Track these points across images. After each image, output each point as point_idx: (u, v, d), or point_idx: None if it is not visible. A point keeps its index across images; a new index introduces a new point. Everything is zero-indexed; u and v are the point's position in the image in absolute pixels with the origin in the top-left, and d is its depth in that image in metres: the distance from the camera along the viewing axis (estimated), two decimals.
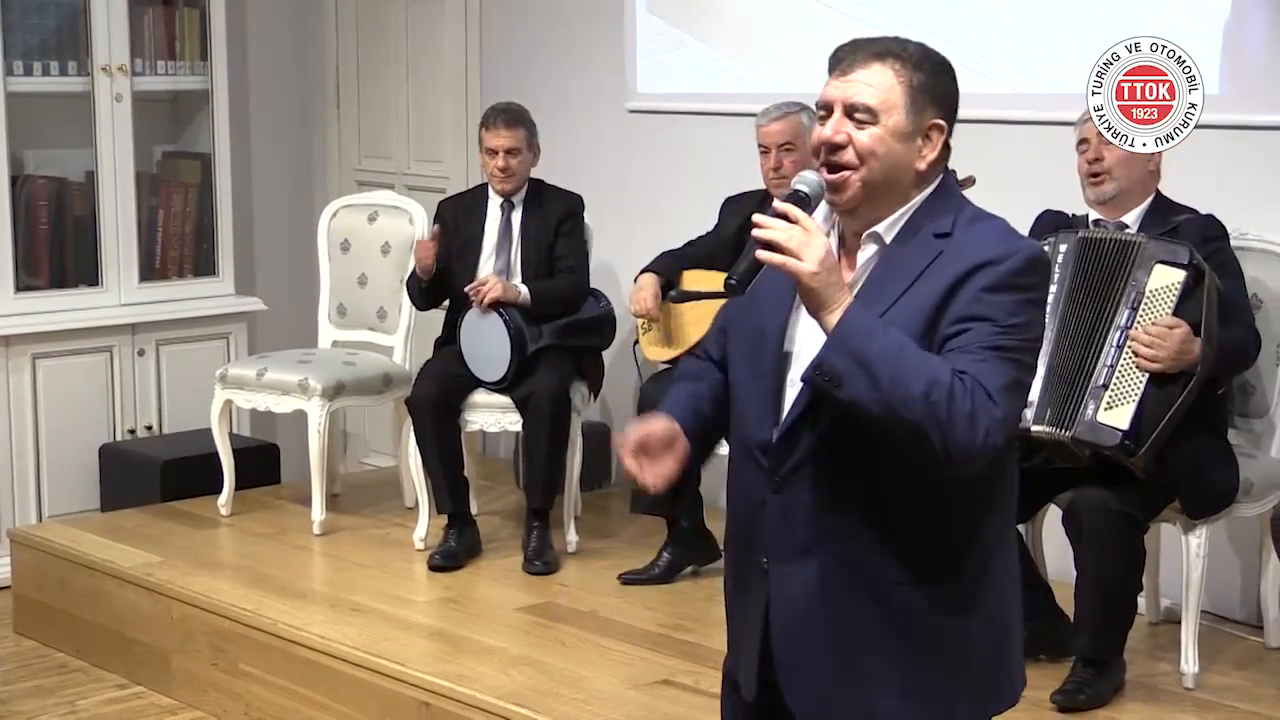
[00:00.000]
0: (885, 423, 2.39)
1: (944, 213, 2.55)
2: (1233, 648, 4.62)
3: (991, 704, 2.66)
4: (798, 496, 2.55)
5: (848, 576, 2.53)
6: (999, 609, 2.62)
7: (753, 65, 5.91)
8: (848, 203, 2.55)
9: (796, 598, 2.57)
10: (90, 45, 6.30)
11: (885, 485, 2.50)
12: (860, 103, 2.52)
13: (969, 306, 2.45)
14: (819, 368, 2.42)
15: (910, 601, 2.53)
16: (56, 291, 6.37)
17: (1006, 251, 2.49)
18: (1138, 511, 4.15)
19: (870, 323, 2.42)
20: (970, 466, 2.42)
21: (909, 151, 2.54)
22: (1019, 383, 2.45)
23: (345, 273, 6.24)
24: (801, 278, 2.42)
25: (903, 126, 2.53)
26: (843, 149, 2.53)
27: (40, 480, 6.26)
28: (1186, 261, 4.11)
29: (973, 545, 2.57)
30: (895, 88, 2.53)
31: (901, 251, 2.54)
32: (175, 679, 5.19)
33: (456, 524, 5.44)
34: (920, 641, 2.55)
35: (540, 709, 4.20)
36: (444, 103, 6.95)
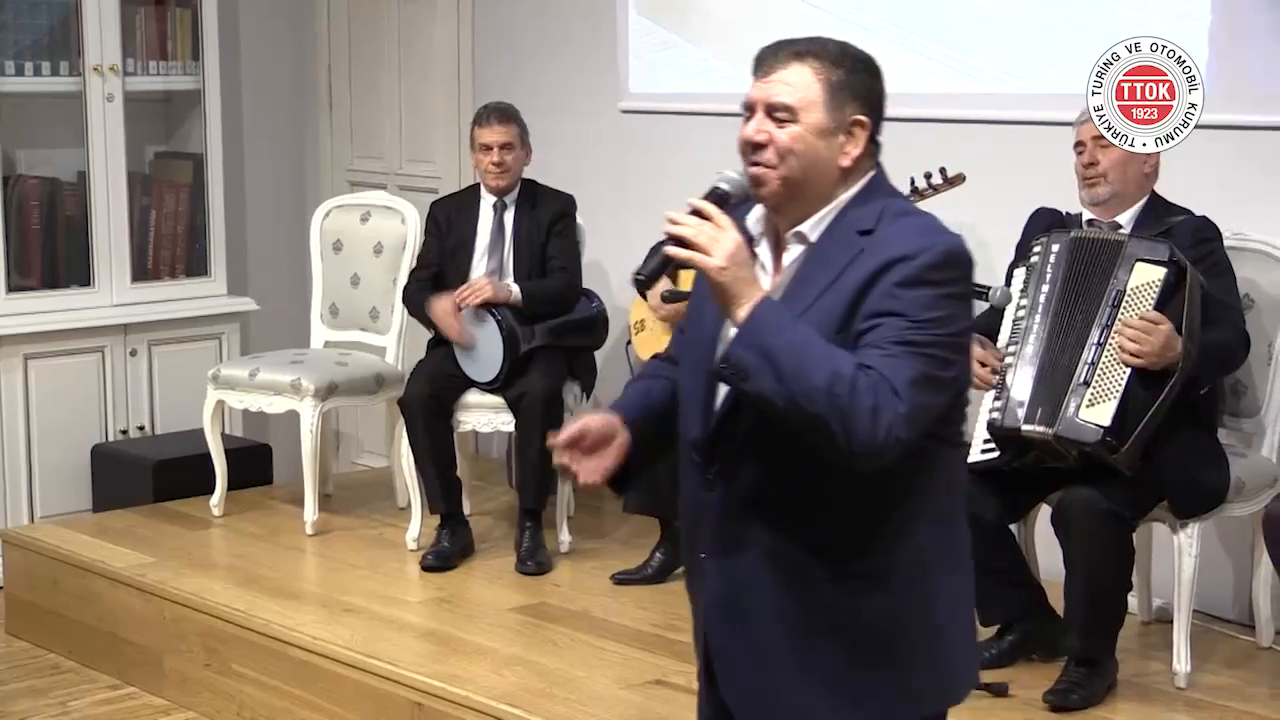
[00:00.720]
0: (789, 415, 2.42)
1: (870, 210, 2.57)
2: (1224, 647, 4.62)
3: (928, 702, 2.65)
4: (728, 493, 2.59)
5: (777, 572, 2.56)
6: (934, 606, 2.62)
7: (742, 65, 5.90)
8: (770, 199, 2.58)
9: (728, 592, 2.61)
10: (82, 45, 6.29)
11: (811, 482, 2.53)
12: (779, 102, 2.56)
13: (882, 302, 2.46)
14: (726, 361, 2.46)
15: (839, 597, 2.55)
16: (48, 292, 6.36)
17: (922, 246, 2.49)
18: (1126, 510, 4.15)
19: (778, 317, 2.44)
20: (875, 460, 2.43)
21: (830, 148, 2.57)
22: (930, 377, 2.44)
23: (337, 273, 6.24)
24: (709, 273, 2.45)
25: (822, 123, 2.56)
26: (764, 148, 2.56)
27: (32, 480, 6.26)
28: (1166, 259, 4.11)
29: (902, 541, 2.57)
30: (813, 85, 2.57)
31: (825, 249, 2.56)
32: (168, 679, 5.19)
33: (449, 524, 5.44)
34: (850, 637, 2.57)
35: (533, 709, 4.20)
36: (436, 103, 6.95)
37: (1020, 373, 4.23)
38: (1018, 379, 4.23)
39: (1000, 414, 4.23)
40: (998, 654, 4.40)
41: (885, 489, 2.52)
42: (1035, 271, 4.31)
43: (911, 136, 5.32)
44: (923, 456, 2.52)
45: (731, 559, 2.60)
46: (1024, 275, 4.36)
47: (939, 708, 2.68)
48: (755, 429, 2.53)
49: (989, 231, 5.06)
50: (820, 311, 2.49)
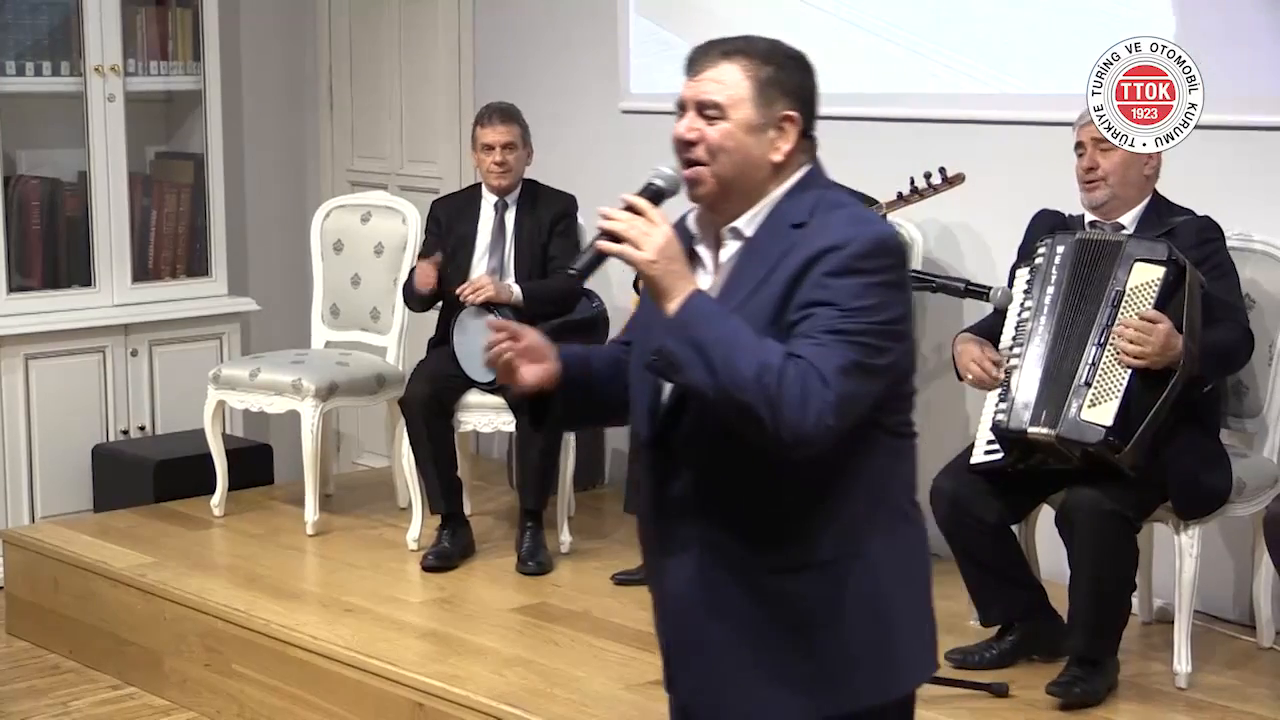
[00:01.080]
0: (720, 406, 2.45)
1: (803, 203, 2.60)
2: (1225, 647, 4.62)
3: (872, 693, 2.65)
4: (674, 491, 2.62)
5: (722, 566, 2.60)
6: (880, 595, 2.63)
7: None
8: (704, 197, 2.62)
9: (678, 589, 2.66)
10: (83, 45, 6.29)
11: (754, 476, 2.56)
12: (708, 99, 2.60)
13: (812, 292, 2.49)
14: (658, 353, 2.49)
15: (783, 589, 2.58)
16: (49, 292, 6.36)
17: (851, 236, 2.52)
18: (1130, 511, 4.15)
19: (709, 310, 2.48)
20: (806, 448, 2.45)
21: (760, 144, 2.60)
22: (860, 365, 2.47)
23: (338, 273, 6.24)
24: (640, 266, 2.49)
25: (752, 119, 2.59)
26: (695, 145, 2.60)
27: (33, 481, 6.26)
28: (1165, 258, 4.11)
29: (848, 533, 2.59)
30: (742, 83, 2.60)
31: (760, 244, 2.60)
32: (168, 680, 5.19)
33: (450, 524, 5.44)
34: (796, 628, 2.59)
35: (534, 709, 4.20)
36: (437, 103, 6.95)
37: (1025, 374, 4.23)
38: (1023, 381, 4.23)
39: (1006, 416, 4.23)
40: (998, 654, 4.41)
41: (828, 481, 2.56)
42: (1039, 273, 4.31)
43: (912, 137, 5.35)
44: (864, 446, 2.56)
45: (680, 556, 2.64)
46: (1028, 276, 4.36)
47: (884, 698, 2.67)
48: (697, 426, 2.57)
49: (990, 232, 5.08)
50: (756, 305, 2.53)
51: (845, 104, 5.40)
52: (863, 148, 5.39)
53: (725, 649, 2.62)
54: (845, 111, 5.38)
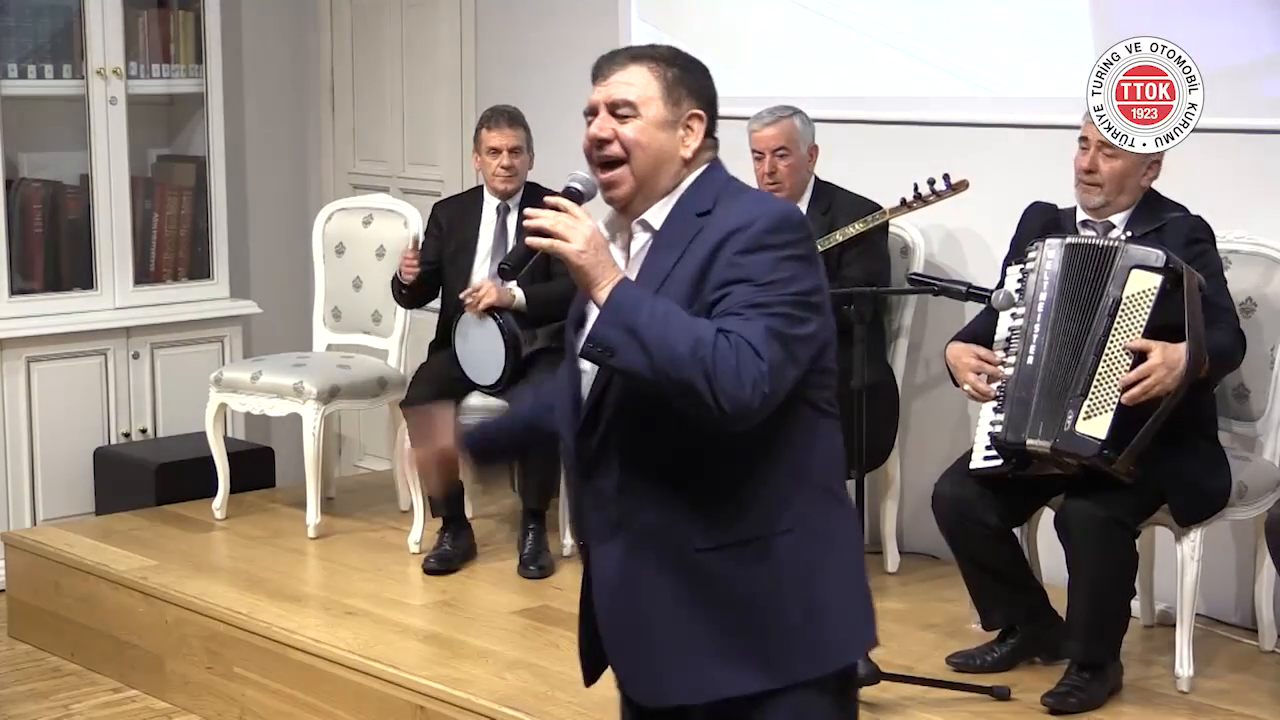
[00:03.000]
0: (659, 386, 2.51)
1: (706, 192, 2.71)
2: (1227, 651, 4.62)
3: (813, 665, 2.69)
4: (602, 480, 2.70)
5: (653, 550, 2.67)
6: (808, 571, 2.67)
7: (742, 69, 5.91)
8: (623, 198, 2.72)
9: (611, 578, 2.73)
10: (85, 48, 6.30)
11: (676, 457, 2.64)
12: (620, 98, 2.73)
13: (726, 271, 2.58)
14: (592, 340, 2.55)
15: (713, 567, 2.65)
16: (51, 295, 6.36)
17: (756, 214, 2.62)
18: (1128, 517, 4.15)
19: (638, 294, 2.56)
20: (746, 419, 2.52)
21: (672, 140, 2.71)
22: (783, 334, 2.55)
23: (340, 276, 6.24)
24: (569, 257, 2.58)
25: (663, 115, 2.71)
26: (609, 143, 2.72)
27: (35, 483, 6.26)
28: (1162, 265, 4.10)
29: (778, 509, 2.66)
30: (651, 82, 2.73)
31: (668, 234, 2.69)
32: (169, 682, 5.19)
33: (451, 527, 5.44)
34: (730, 606, 2.65)
35: (535, 712, 4.20)
36: (439, 106, 6.95)
37: (1021, 384, 4.22)
38: (1019, 391, 4.22)
39: (1003, 427, 4.22)
40: (1000, 657, 4.41)
41: (753, 459, 2.63)
42: (1031, 278, 4.29)
43: (914, 141, 5.35)
44: (791, 422, 2.63)
45: (613, 543, 2.71)
46: (1019, 276, 4.34)
47: (820, 672, 2.70)
48: (620, 415, 2.64)
49: (991, 235, 5.07)
50: (671, 291, 2.61)
51: (845, 107, 5.42)
52: (864, 151, 5.40)
53: (660, 631, 2.68)
54: (845, 115, 5.40)
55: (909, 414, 5.40)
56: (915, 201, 4.89)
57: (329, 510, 5.95)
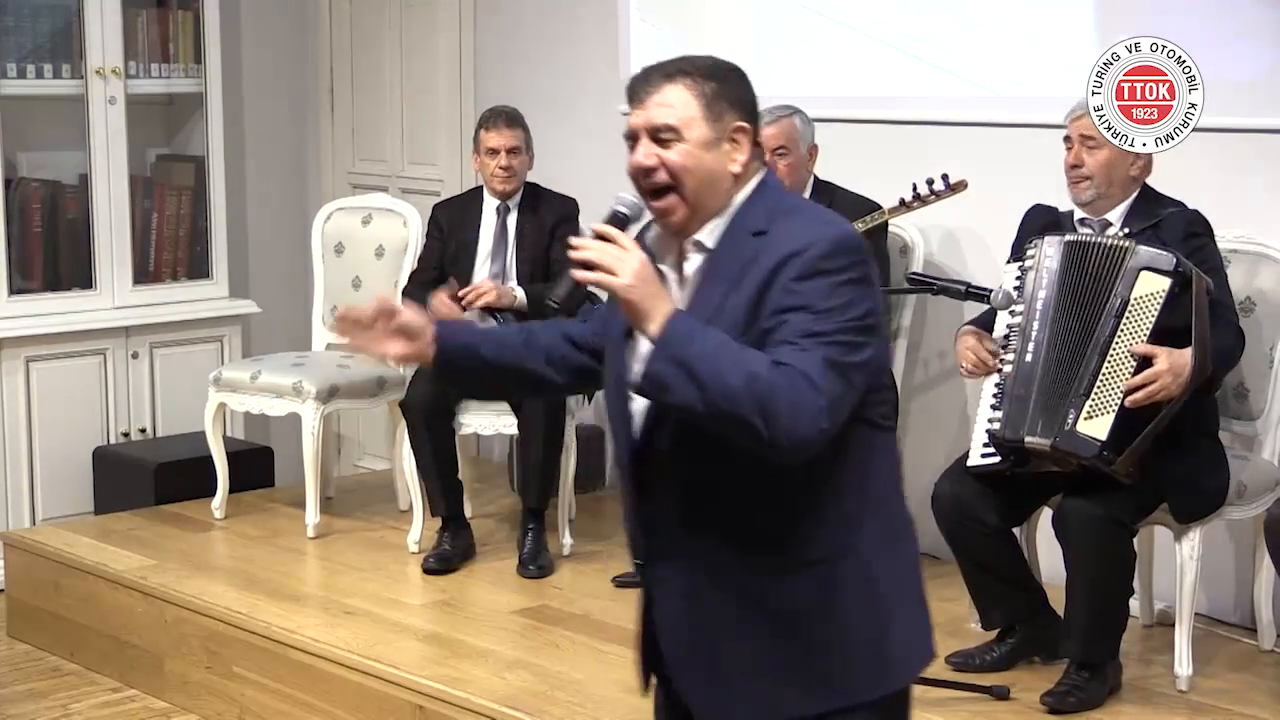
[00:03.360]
0: (714, 420, 2.46)
1: (760, 211, 2.63)
2: (1227, 650, 4.62)
3: (876, 687, 2.67)
4: (658, 506, 2.65)
5: (713, 576, 2.62)
6: (876, 591, 2.65)
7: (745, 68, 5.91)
8: (679, 224, 2.63)
9: (671, 601, 2.68)
10: (84, 48, 6.29)
11: (743, 483, 2.58)
12: (661, 123, 2.61)
13: (783, 298, 2.51)
14: (645, 376, 2.50)
15: (777, 590, 2.60)
16: (50, 294, 6.36)
17: (812, 239, 2.54)
18: (1126, 516, 4.15)
19: (689, 327, 2.48)
20: (803, 453, 2.47)
21: (719, 158, 2.62)
22: (841, 364, 2.49)
23: (339, 276, 6.24)
24: (618, 292, 2.49)
25: (707, 135, 2.61)
26: (655, 170, 2.61)
27: (34, 483, 6.26)
28: (1172, 269, 4.09)
29: (841, 529, 2.61)
30: (690, 101, 2.62)
31: (723, 254, 2.62)
32: (169, 682, 5.19)
33: (451, 527, 5.44)
34: (795, 628, 2.61)
35: (535, 712, 4.20)
36: (438, 106, 6.95)
37: (1020, 381, 4.22)
38: (1017, 388, 4.22)
39: (1001, 425, 4.22)
40: (999, 657, 4.41)
41: (815, 481, 2.58)
42: (1030, 275, 4.29)
43: (912, 140, 5.35)
44: (851, 442, 2.58)
45: (675, 568, 2.66)
46: (1017, 273, 4.34)
47: (884, 691, 2.69)
48: (679, 441, 2.59)
49: (990, 235, 5.07)
50: (726, 315, 2.55)
51: (845, 107, 5.42)
52: (864, 151, 5.40)
53: (725, 653, 2.64)
54: (845, 115, 5.40)
55: (908, 414, 5.40)
56: (914, 201, 4.89)
57: (328, 510, 5.95)
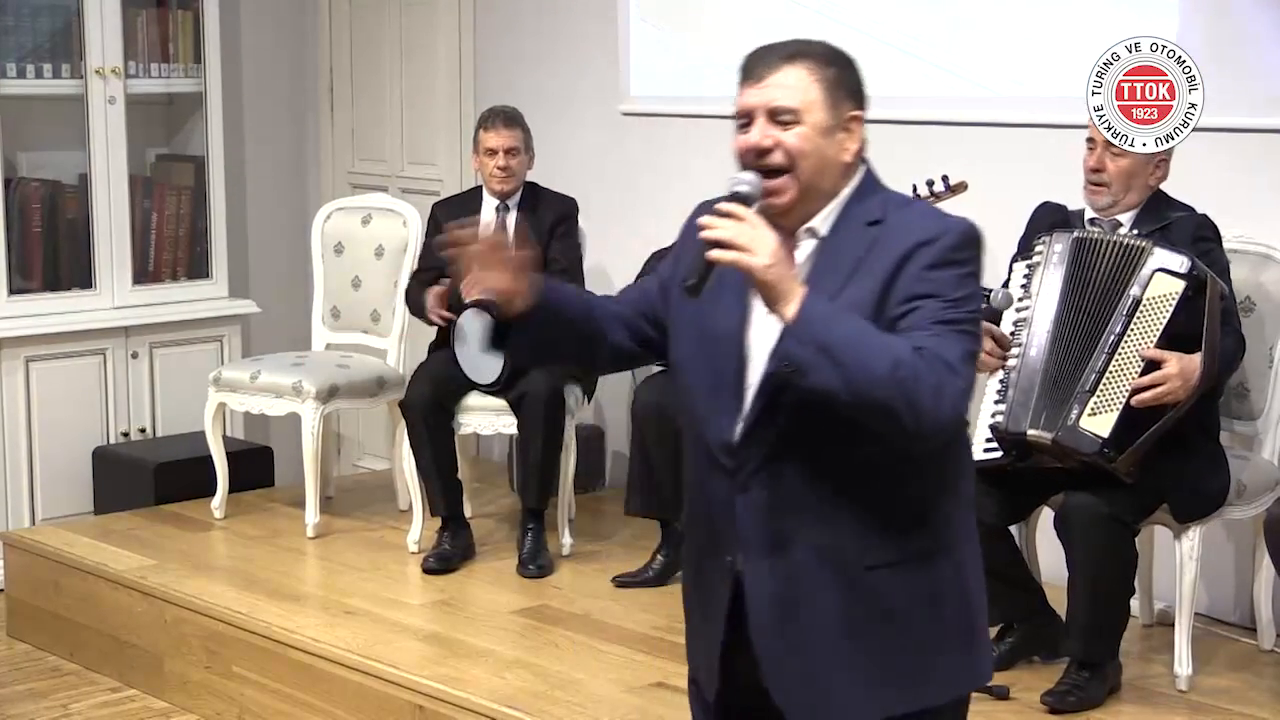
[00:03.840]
0: (854, 406, 2.43)
1: (873, 202, 2.62)
2: (1226, 650, 4.62)
3: (965, 683, 2.70)
4: (763, 494, 2.58)
5: (819, 567, 2.57)
6: (967, 588, 2.66)
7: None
8: (785, 206, 2.59)
9: (771, 593, 2.60)
10: (84, 48, 6.29)
11: (846, 474, 2.55)
12: (782, 105, 2.58)
13: (914, 285, 2.51)
14: (783, 358, 2.46)
15: (881, 586, 2.57)
16: (50, 294, 6.36)
17: (941, 229, 2.56)
18: (1128, 515, 4.15)
19: (828, 309, 2.46)
20: (940, 437, 2.49)
21: (832, 145, 2.60)
22: (971, 353, 2.52)
23: (339, 275, 6.24)
24: (755, 272, 2.45)
25: (825, 122, 2.59)
26: (771, 152, 2.57)
27: (33, 483, 6.25)
28: (1186, 272, 4.08)
29: (938, 524, 2.62)
30: (811, 86, 2.59)
31: (837, 242, 2.60)
32: (168, 682, 5.19)
33: (450, 527, 5.44)
34: (895, 625, 2.59)
35: (534, 712, 4.20)
36: (438, 105, 6.95)
37: (1024, 375, 4.22)
38: (1022, 381, 4.22)
39: (1005, 417, 4.22)
40: (998, 656, 4.39)
41: (926, 473, 2.57)
42: (1039, 271, 4.30)
43: (912, 140, 5.34)
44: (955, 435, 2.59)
45: (778, 559, 2.58)
46: (1025, 271, 4.35)
47: (972, 688, 2.71)
48: (792, 427, 2.53)
49: (991, 235, 5.05)
50: (848, 301, 2.52)
51: None
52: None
53: (826, 650, 2.59)
54: None
55: None
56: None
57: (328, 510, 5.95)
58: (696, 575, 2.76)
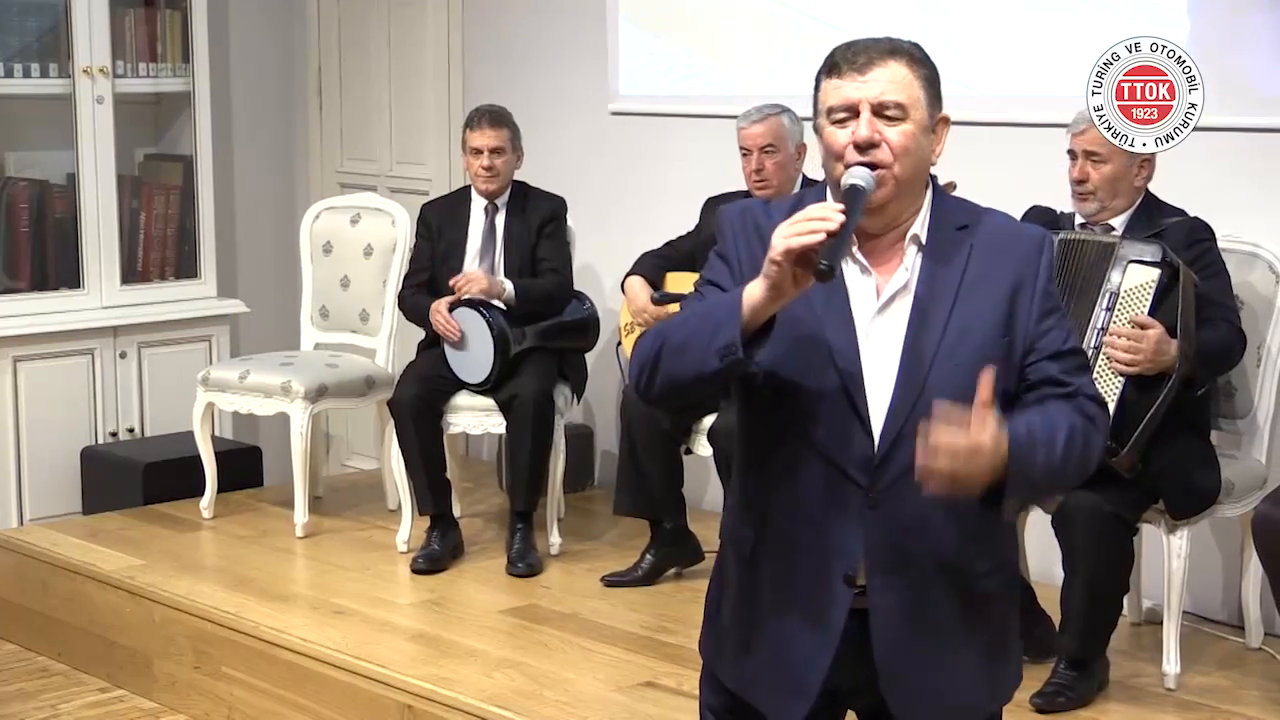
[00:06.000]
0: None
1: (954, 206, 2.64)
2: (1214, 648, 4.63)
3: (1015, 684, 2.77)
4: (897, 509, 2.54)
5: (942, 578, 2.59)
6: (1019, 589, 2.81)
7: (731, 69, 5.92)
8: (882, 199, 2.53)
9: (897, 606, 2.58)
10: (72, 47, 6.29)
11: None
12: (891, 100, 2.51)
13: (1045, 301, 2.58)
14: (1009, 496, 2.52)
15: (986, 589, 2.63)
16: (38, 294, 6.35)
17: (1038, 235, 2.63)
18: (1127, 513, 4.16)
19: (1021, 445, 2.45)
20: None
21: (928, 146, 2.57)
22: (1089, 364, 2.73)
23: (327, 275, 6.23)
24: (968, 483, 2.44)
25: (925, 121, 2.55)
26: (876, 147, 2.51)
27: (21, 483, 6.25)
28: (1160, 260, 4.11)
29: (1004, 535, 2.69)
30: (914, 83, 2.54)
31: (938, 249, 2.58)
32: (157, 682, 5.18)
33: (439, 526, 5.43)
34: (992, 628, 2.67)
35: (523, 711, 4.20)
36: (426, 105, 6.95)
37: None
38: None
39: None
40: None
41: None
42: None
43: None
44: None
45: (902, 574, 2.57)
46: None
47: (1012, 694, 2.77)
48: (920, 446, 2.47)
49: None
50: (968, 309, 2.54)
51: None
52: None
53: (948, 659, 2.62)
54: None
55: None
56: None
57: (317, 509, 5.94)
58: (795, 592, 2.61)
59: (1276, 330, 4.48)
